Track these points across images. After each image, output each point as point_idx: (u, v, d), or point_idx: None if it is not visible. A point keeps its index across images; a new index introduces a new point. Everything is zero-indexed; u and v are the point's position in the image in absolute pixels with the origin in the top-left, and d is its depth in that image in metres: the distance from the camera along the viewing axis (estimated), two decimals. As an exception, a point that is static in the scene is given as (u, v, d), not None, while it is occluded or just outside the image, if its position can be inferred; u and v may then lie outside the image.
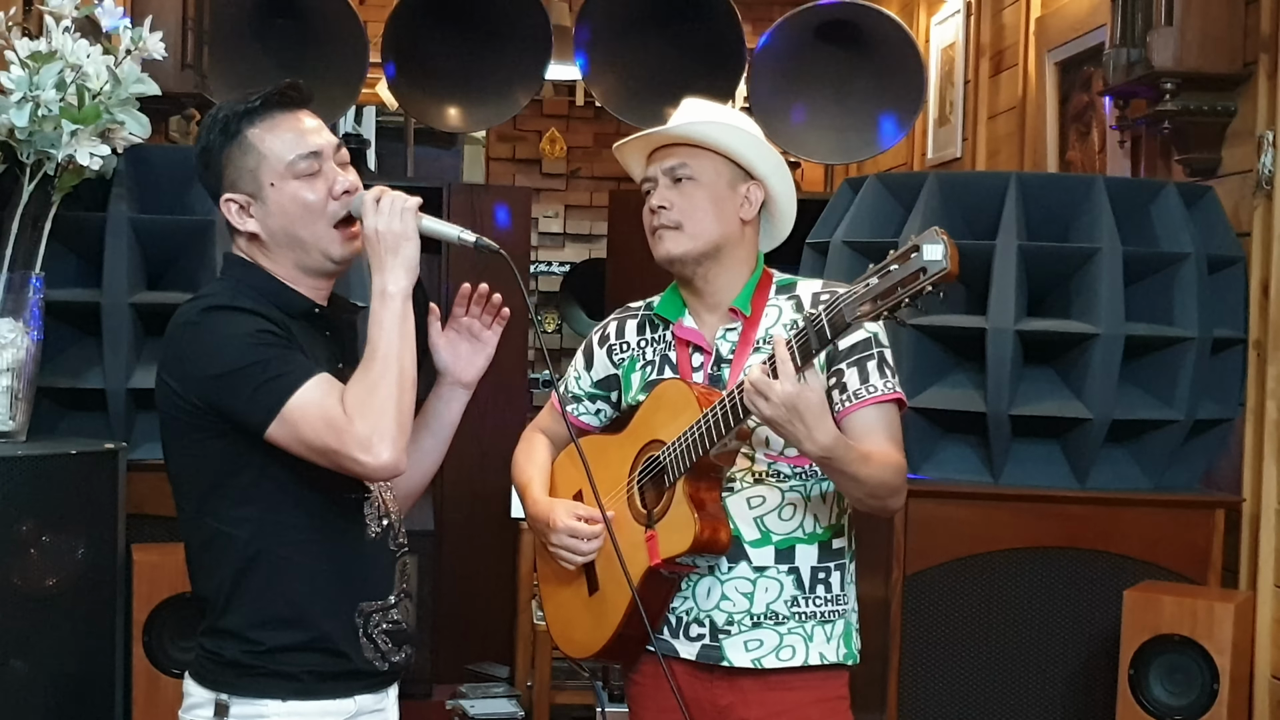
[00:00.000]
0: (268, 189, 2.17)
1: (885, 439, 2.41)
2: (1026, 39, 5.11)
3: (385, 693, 2.27)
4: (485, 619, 5.27)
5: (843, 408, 2.42)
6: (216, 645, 2.17)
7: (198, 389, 2.11)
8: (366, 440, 2.03)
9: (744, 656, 2.44)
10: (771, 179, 2.51)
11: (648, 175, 2.53)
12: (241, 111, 2.18)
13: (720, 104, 2.61)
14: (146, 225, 3.46)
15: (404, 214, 2.15)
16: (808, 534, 2.46)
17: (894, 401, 2.45)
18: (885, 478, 2.35)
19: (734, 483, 2.44)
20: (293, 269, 2.22)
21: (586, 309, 7.66)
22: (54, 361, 3.38)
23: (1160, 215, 3.52)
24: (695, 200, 2.46)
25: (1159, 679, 3.19)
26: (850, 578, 2.54)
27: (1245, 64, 3.63)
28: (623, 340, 2.62)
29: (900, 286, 2.04)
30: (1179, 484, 3.55)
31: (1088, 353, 3.40)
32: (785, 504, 2.45)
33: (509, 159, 8.27)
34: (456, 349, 2.37)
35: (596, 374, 2.66)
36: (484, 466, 5.13)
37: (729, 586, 2.44)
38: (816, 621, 2.46)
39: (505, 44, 5.42)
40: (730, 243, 2.48)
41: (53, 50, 3.09)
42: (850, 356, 2.43)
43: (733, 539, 2.40)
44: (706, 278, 2.50)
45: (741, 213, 2.49)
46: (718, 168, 2.48)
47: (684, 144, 2.49)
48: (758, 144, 2.49)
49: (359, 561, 2.22)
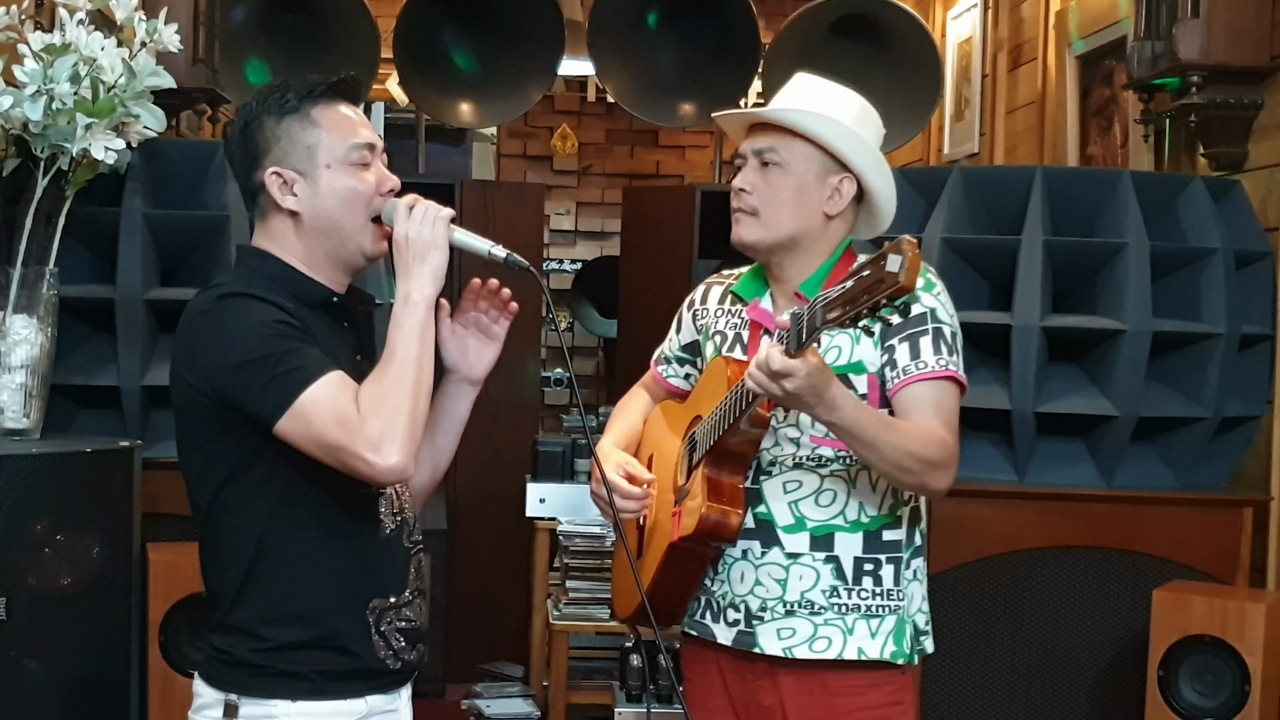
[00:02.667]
0: (322, 169, 2.16)
1: (932, 416, 2.30)
2: (1046, 32, 5.08)
3: (398, 693, 2.24)
4: (500, 618, 5.25)
5: (892, 385, 2.34)
6: (225, 643, 2.15)
7: (210, 379, 2.08)
8: (377, 441, 2.01)
9: (776, 644, 2.39)
10: (868, 174, 2.40)
11: (740, 151, 2.46)
12: (306, 91, 2.17)
13: (832, 83, 2.47)
14: (161, 220, 3.45)
15: (435, 223, 2.14)
16: (850, 522, 2.39)
17: (947, 379, 2.33)
18: (913, 448, 2.25)
19: (774, 466, 2.40)
20: (320, 256, 2.19)
21: (599, 307, 7.62)
22: (68, 358, 3.36)
23: (1187, 210, 3.50)
24: (778, 188, 2.39)
25: (1189, 680, 3.16)
26: (911, 574, 2.44)
27: (1272, 57, 3.61)
28: (705, 306, 2.58)
29: (864, 294, 1.97)
30: (1206, 483, 3.52)
31: (1114, 349, 3.38)
32: (824, 490, 2.38)
33: (520, 155, 8.23)
34: (464, 344, 2.35)
35: (684, 338, 2.63)
36: (497, 464, 5.11)
37: (762, 572, 2.40)
38: (860, 615, 2.39)
39: (518, 39, 5.41)
40: (809, 235, 2.40)
41: (67, 43, 3.06)
42: (903, 331, 2.34)
43: (766, 524, 2.37)
44: (782, 265, 2.44)
45: (827, 206, 2.40)
46: (808, 157, 2.38)
47: (780, 127, 2.40)
48: (853, 137, 2.39)
49: (372, 558, 2.19)
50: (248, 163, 2.19)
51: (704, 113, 5.58)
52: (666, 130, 7.75)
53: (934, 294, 2.38)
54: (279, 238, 2.19)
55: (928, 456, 2.27)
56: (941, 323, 2.36)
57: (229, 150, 2.22)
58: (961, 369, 2.37)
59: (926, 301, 2.35)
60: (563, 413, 7.39)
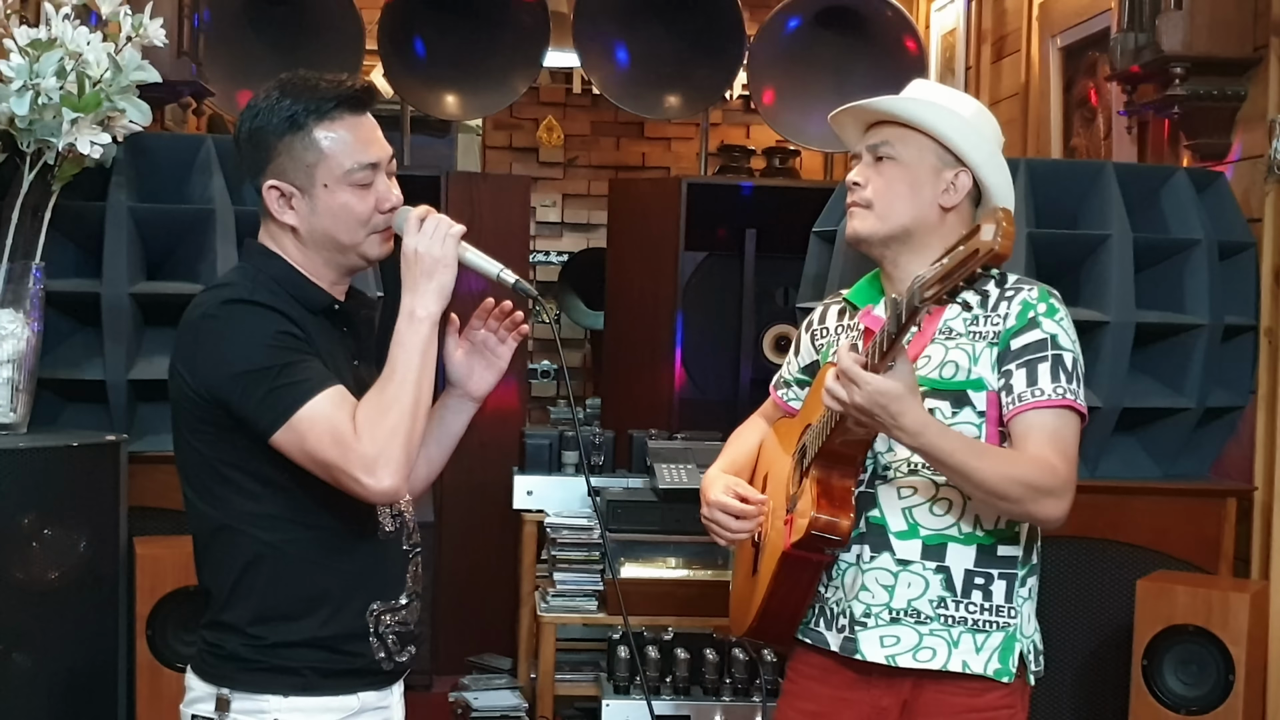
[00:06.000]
0: (320, 189, 2.14)
1: (1045, 443, 2.27)
2: (1029, 24, 5.08)
3: (390, 690, 2.24)
4: (487, 610, 5.25)
5: (1008, 411, 2.31)
6: (218, 638, 2.15)
7: (209, 385, 2.08)
8: (371, 463, 2.02)
9: (878, 652, 2.36)
10: (983, 169, 2.39)
11: (855, 150, 2.47)
12: (313, 106, 2.13)
13: (948, 87, 2.51)
14: (146, 214, 3.42)
15: (446, 240, 2.13)
16: (964, 534, 2.35)
17: (1065, 408, 2.30)
18: (1012, 473, 2.22)
19: (889, 470, 2.37)
20: (319, 263, 2.19)
21: (585, 299, 7.61)
22: (54, 353, 3.34)
23: (1170, 201, 3.49)
24: (891, 181, 2.38)
25: (1173, 670, 3.16)
26: (1025, 592, 2.40)
27: (1255, 48, 3.60)
28: (824, 326, 2.58)
29: (959, 267, 1.98)
30: (1189, 473, 3.52)
31: (1097, 340, 3.37)
32: (939, 498, 2.35)
33: (505, 147, 8.22)
34: (471, 362, 2.35)
35: (803, 360, 2.62)
36: (484, 456, 5.10)
37: (869, 577, 2.37)
38: (966, 628, 2.35)
39: (503, 30, 5.40)
40: (924, 229, 2.38)
41: (52, 38, 3.04)
42: (1021, 357, 2.32)
43: (878, 528, 2.35)
44: (896, 262, 2.42)
45: (942, 199, 2.39)
46: (923, 150, 2.38)
47: (895, 123, 2.39)
48: (970, 131, 2.38)
49: (370, 560, 2.19)
50: (251, 168, 2.18)
51: (689, 104, 5.58)
52: (652, 122, 7.74)
53: (1056, 320, 2.36)
54: (280, 242, 2.19)
55: (1033, 482, 2.23)
56: (1063, 349, 2.33)
57: (237, 145, 2.20)
58: (1081, 398, 2.33)
59: (1048, 327, 2.33)
60: (550, 404, 7.39)
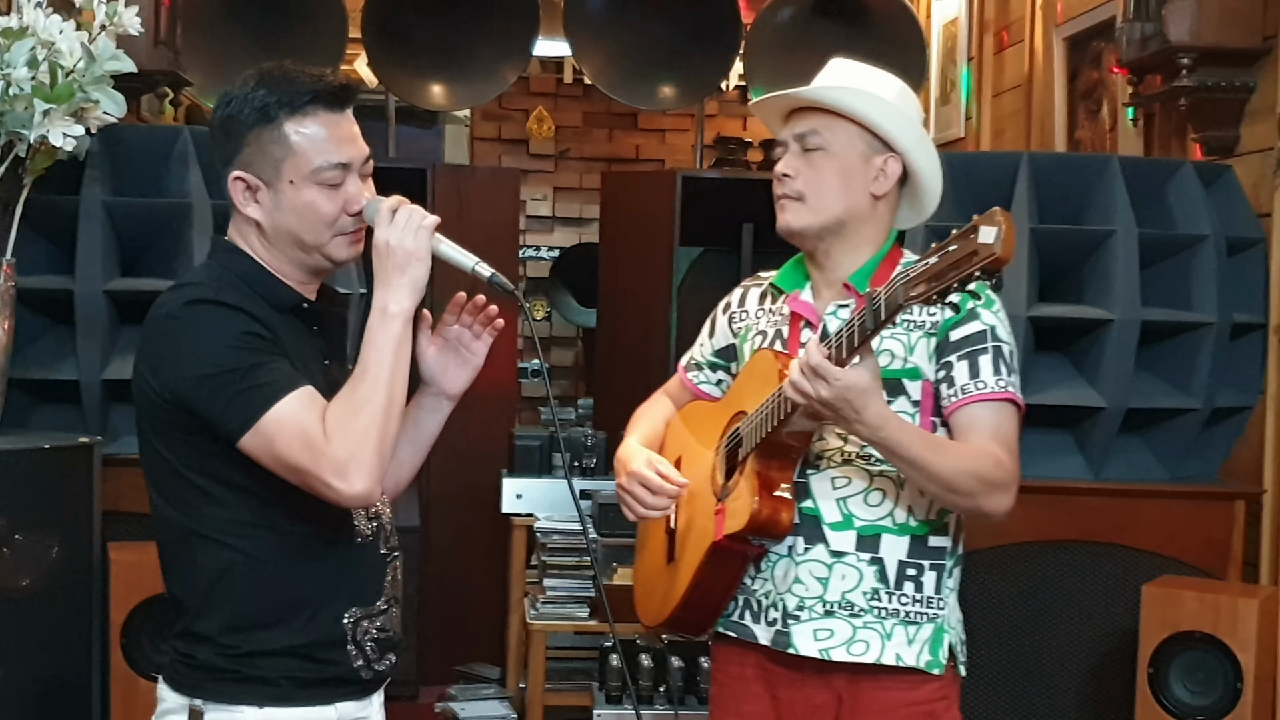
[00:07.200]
0: (285, 184, 2.08)
1: (989, 438, 2.28)
2: (1033, 14, 5.05)
3: (369, 699, 2.19)
4: (475, 617, 5.19)
5: (948, 404, 2.31)
6: (190, 648, 2.10)
7: (173, 388, 2.02)
8: (342, 466, 1.96)
9: (812, 645, 2.34)
10: (913, 153, 2.37)
11: (780, 137, 2.43)
12: (286, 99, 2.07)
13: (868, 65, 2.44)
14: (121, 208, 3.39)
15: (419, 232, 2.07)
16: (898, 525, 2.34)
17: (1006, 401, 2.31)
18: (966, 467, 2.22)
19: (821, 461, 2.35)
20: (284, 261, 2.13)
21: (577, 296, 7.53)
22: (25, 352, 3.29)
23: (1177, 196, 3.46)
24: (822, 172, 2.36)
25: (1180, 677, 3.11)
26: (951, 583, 2.40)
27: (1265, 38, 3.57)
28: (743, 309, 2.57)
29: (952, 269, 1.94)
30: (1197, 475, 3.49)
31: (1102, 339, 3.35)
32: (873, 489, 2.34)
33: (495, 139, 8.14)
34: (444, 359, 2.29)
35: (718, 342, 2.60)
36: (472, 459, 5.04)
37: (803, 570, 2.34)
38: (899, 620, 2.33)
39: (491, 18, 5.33)
40: (856, 218, 2.37)
41: (24, 26, 3.01)
42: (961, 349, 2.32)
43: (811, 519, 2.32)
44: (828, 253, 2.40)
45: (873, 187, 2.37)
46: (851, 137, 2.36)
47: (820, 109, 2.36)
48: (898, 115, 2.36)
49: (347, 565, 2.14)
50: (221, 157, 2.13)
51: (684, 95, 5.51)
52: (646, 113, 7.67)
53: (993, 311, 2.35)
54: (246, 238, 2.14)
55: (985, 476, 2.24)
56: (1001, 341, 2.34)
57: (211, 133, 2.15)
58: (1019, 390, 2.33)
59: (987, 319, 2.33)
60: (540, 404, 7.32)
